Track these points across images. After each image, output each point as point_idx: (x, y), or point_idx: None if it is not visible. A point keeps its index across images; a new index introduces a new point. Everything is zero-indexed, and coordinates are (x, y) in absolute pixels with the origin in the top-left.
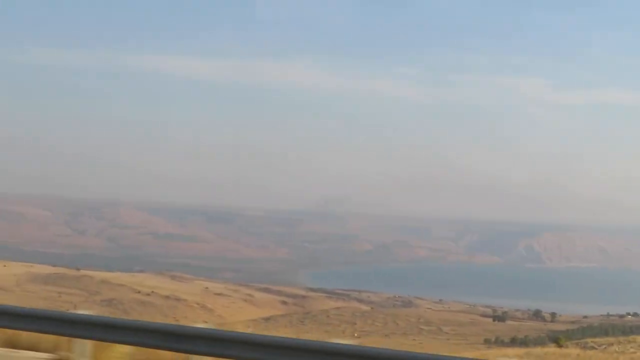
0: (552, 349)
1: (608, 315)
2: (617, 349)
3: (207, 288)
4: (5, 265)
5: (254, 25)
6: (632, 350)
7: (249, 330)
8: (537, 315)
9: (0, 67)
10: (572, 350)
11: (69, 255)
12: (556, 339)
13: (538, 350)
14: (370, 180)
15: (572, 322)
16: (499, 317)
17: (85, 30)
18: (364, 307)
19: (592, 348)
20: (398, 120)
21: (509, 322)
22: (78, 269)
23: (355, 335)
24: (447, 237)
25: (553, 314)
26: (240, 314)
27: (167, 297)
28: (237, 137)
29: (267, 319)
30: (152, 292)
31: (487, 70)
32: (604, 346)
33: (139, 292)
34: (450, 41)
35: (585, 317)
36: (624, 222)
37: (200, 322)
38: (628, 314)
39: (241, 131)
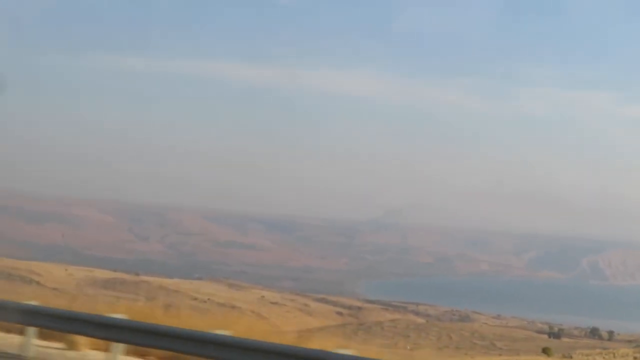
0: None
1: None
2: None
3: (263, 296)
4: (66, 269)
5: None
6: None
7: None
8: (594, 332)
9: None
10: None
11: (129, 260)
12: (545, 349)
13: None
14: (433, 191)
15: (629, 341)
16: (555, 334)
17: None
18: (420, 320)
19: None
20: (463, 131)
21: (564, 339)
22: (137, 274)
23: (408, 348)
24: (509, 251)
25: (610, 332)
26: (294, 324)
27: (222, 304)
28: (297, 145)
29: (320, 329)
30: (209, 299)
31: (556, 83)
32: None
33: (196, 299)
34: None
35: None
36: None
37: (245, 330)
38: None
39: (303, 139)
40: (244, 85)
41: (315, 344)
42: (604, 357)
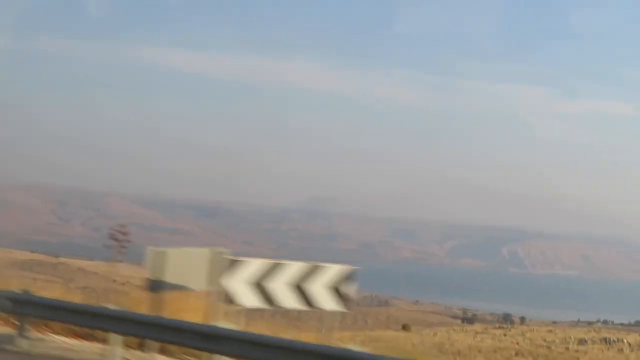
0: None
1: (578, 321)
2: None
3: None
4: None
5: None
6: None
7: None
8: (506, 318)
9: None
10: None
11: (52, 243)
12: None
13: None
14: (360, 180)
15: (537, 326)
16: (468, 319)
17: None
18: None
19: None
20: (397, 122)
21: (477, 325)
22: (56, 257)
23: (323, 330)
24: (433, 240)
25: (522, 318)
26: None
27: (139, 286)
28: (230, 134)
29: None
30: (127, 282)
31: (485, 77)
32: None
33: (115, 281)
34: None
35: (554, 322)
36: (610, 232)
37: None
38: (598, 320)
39: (234, 128)
40: (171, 71)
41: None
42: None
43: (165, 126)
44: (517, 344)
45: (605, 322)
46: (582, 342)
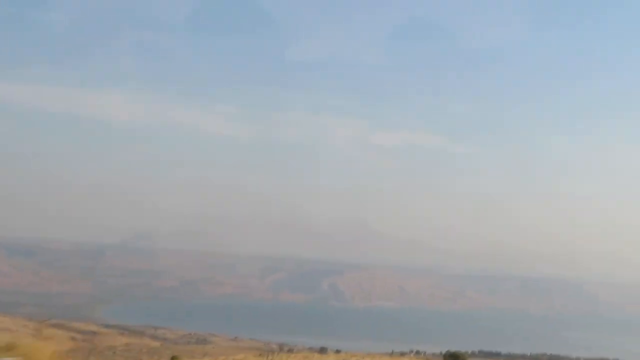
0: None
1: (392, 352)
2: None
3: None
4: None
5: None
6: None
7: None
8: (322, 351)
9: None
10: None
11: None
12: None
13: None
14: (182, 216)
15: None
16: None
17: None
18: (155, 344)
19: None
20: (213, 157)
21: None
22: None
23: None
24: (254, 275)
25: (338, 351)
26: None
27: None
28: (44, 169)
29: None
30: None
31: (305, 109)
32: None
33: None
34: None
35: (368, 353)
36: (424, 263)
37: None
38: (411, 351)
39: (50, 162)
40: None
41: None
42: None
43: None
44: None
45: (417, 352)
46: None
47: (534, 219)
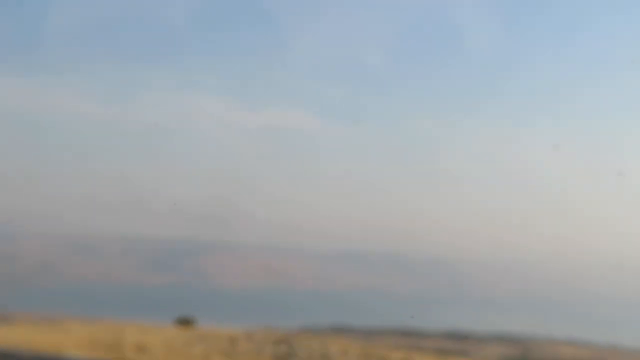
0: None
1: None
2: None
3: None
4: None
5: None
6: None
7: None
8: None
9: None
10: None
11: None
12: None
13: None
14: (43, 199)
15: None
16: None
17: None
18: None
19: None
20: (74, 136)
21: None
22: None
23: None
24: (114, 255)
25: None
26: None
27: None
28: None
29: None
30: None
31: (168, 88)
32: None
33: None
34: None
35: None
36: (296, 244)
37: None
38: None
39: None
40: None
41: None
42: None
43: None
44: None
45: (268, 327)
46: None
47: (412, 201)
